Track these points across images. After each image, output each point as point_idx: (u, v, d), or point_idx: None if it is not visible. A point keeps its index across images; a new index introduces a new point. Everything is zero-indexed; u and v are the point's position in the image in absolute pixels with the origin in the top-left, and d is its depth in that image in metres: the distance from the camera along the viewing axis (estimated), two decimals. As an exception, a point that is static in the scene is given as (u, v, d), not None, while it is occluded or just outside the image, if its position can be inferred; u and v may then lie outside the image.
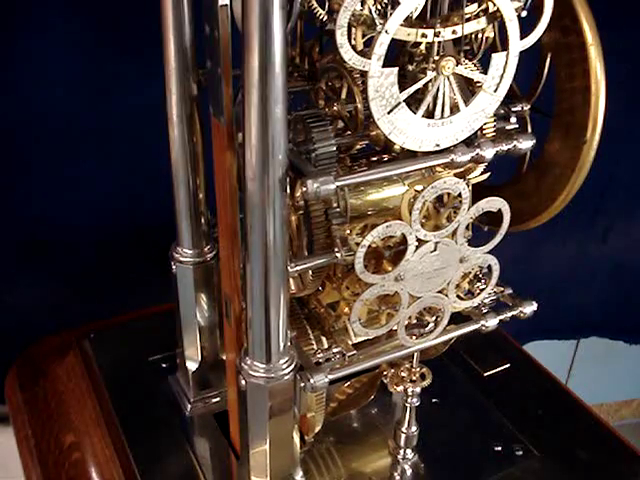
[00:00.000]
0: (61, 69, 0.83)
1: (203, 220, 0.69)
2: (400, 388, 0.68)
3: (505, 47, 0.51)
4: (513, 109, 0.61)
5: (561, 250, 1.23)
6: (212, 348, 0.74)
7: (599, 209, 1.17)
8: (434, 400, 0.78)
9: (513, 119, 0.60)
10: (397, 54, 0.54)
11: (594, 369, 1.49)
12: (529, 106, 0.62)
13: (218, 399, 0.77)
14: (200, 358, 0.74)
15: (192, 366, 0.75)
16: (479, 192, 0.60)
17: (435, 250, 0.56)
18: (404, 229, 0.53)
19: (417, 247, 0.55)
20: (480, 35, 0.56)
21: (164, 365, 0.81)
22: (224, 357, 0.72)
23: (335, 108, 0.60)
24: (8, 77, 0.82)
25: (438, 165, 0.54)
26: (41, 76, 0.83)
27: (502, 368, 0.82)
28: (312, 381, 0.57)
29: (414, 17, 0.50)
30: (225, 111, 0.55)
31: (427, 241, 0.55)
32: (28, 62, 0.82)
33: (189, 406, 0.76)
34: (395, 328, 0.59)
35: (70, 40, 0.82)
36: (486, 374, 0.81)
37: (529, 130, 0.62)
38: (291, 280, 0.62)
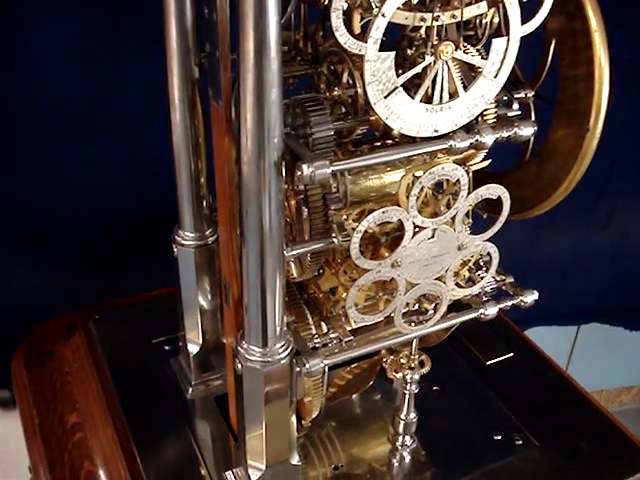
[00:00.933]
0: (61, 52, 0.83)
1: (205, 203, 0.69)
2: (399, 375, 0.68)
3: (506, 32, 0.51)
4: (516, 96, 0.61)
5: (562, 236, 1.23)
6: (213, 331, 0.75)
7: (601, 195, 1.17)
8: (435, 388, 0.78)
9: (515, 106, 0.59)
10: (398, 39, 0.53)
11: (594, 355, 1.49)
12: (533, 93, 0.61)
13: (219, 382, 0.77)
14: (201, 341, 0.75)
15: (193, 349, 0.75)
16: (481, 179, 0.59)
17: (433, 237, 0.55)
18: (401, 215, 0.53)
19: (414, 233, 0.54)
20: (484, 20, 0.55)
21: (167, 348, 0.81)
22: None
23: (336, 93, 0.59)
24: (8, 60, 0.82)
25: (436, 151, 0.54)
26: (41, 59, 0.83)
27: (505, 357, 0.81)
28: (308, 366, 0.57)
29: (415, 1, 0.50)
30: (223, 94, 0.54)
31: (425, 228, 0.55)
32: (28, 46, 0.82)
33: (190, 389, 0.76)
34: (392, 315, 0.58)
35: (70, 23, 0.82)
36: (488, 363, 0.81)
37: (532, 117, 0.62)
38: (292, 265, 0.62)
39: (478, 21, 0.56)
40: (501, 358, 0.81)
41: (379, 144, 0.62)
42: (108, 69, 0.85)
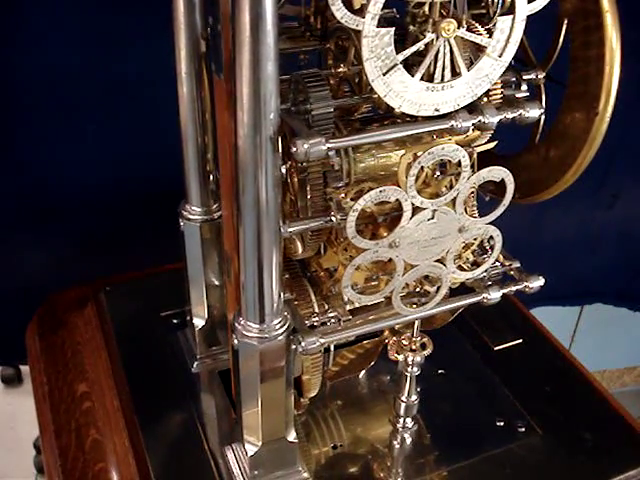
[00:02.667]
0: (62, 24, 0.83)
1: (211, 178, 0.69)
2: (401, 357, 0.68)
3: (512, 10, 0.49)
4: (526, 77, 0.59)
5: (567, 217, 1.21)
6: (219, 306, 0.75)
7: (606, 176, 1.15)
8: (440, 371, 0.77)
9: (524, 87, 0.58)
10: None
11: (597, 336, 1.48)
12: (543, 74, 0.60)
13: (225, 357, 0.78)
14: (207, 315, 0.75)
15: (199, 323, 0.75)
16: (490, 161, 0.58)
17: (433, 218, 0.55)
18: (399, 195, 0.52)
19: (413, 214, 0.54)
20: (495, -2, 0.54)
21: (175, 321, 0.82)
22: (230, 316, 0.72)
23: (341, 70, 0.59)
24: (8, 33, 0.82)
25: (440, 131, 0.53)
26: (41, 32, 0.83)
27: (513, 343, 0.80)
28: (303, 344, 0.57)
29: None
30: (224, 68, 0.54)
31: (424, 208, 0.54)
32: (28, 22, 0.81)
33: (195, 362, 0.77)
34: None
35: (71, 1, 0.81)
36: (496, 348, 0.80)
37: (543, 99, 0.60)
38: (297, 242, 0.62)
39: (490, -1, 0.54)
40: (509, 344, 0.80)
41: (387, 123, 0.61)
42: (110, 41, 0.84)
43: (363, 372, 0.80)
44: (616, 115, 0.54)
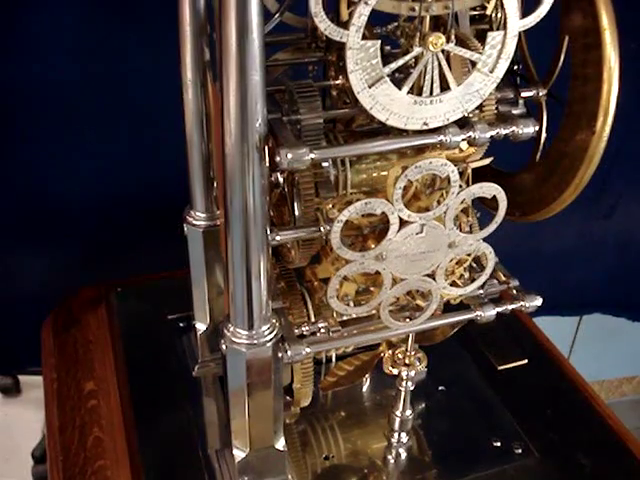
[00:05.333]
0: (61, 37, 0.84)
1: (215, 184, 0.69)
2: (395, 371, 0.67)
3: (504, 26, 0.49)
4: (527, 94, 0.59)
5: (565, 226, 1.20)
6: (221, 311, 0.76)
7: (604, 185, 1.14)
8: (441, 388, 0.77)
9: (521, 103, 0.57)
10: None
11: (596, 345, 1.47)
12: (545, 92, 0.59)
13: (227, 363, 0.78)
14: (209, 320, 0.76)
15: (201, 327, 0.76)
16: (489, 178, 0.58)
17: (421, 232, 0.54)
18: (385, 207, 0.52)
19: (400, 227, 0.53)
20: (500, 13, 0.54)
21: (181, 324, 0.83)
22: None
23: (340, 81, 0.59)
24: (8, 46, 0.83)
25: (427, 145, 0.52)
26: (40, 43, 0.84)
27: (518, 364, 0.79)
28: (290, 352, 0.57)
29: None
30: (218, 76, 0.55)
31: (412, 222, 0.54)
32: (27, 30, 0.82)
33: (197, 366, 0.78)
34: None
35: (70, 10, 0.82)
36: (500, 368, 0.79)
37: (544, 117, 0.60)
38: (293, 251, 0.62)
39: (494, 14, 0.54)
40: (514, 364, 0.79)
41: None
42: (108, 53, 0.85)
43: (367, 384, 0.80)
44: (614, 124, 0.53)
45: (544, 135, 0.60)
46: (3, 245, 1.00)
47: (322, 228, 0.54)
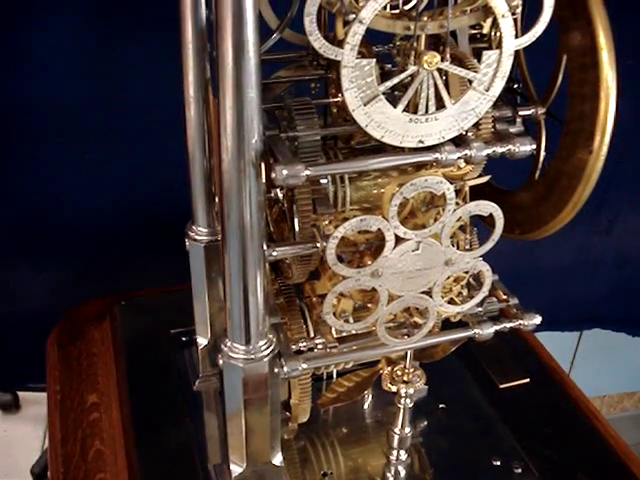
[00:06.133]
0: (62, 55, 0.85)
1: (217, 200, 0.70)
2: (394, 388, 0.67)
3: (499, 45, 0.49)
4: (525, 113, 0.59)
5: (565, 242, 1.20)
6: (222, 326, 0.76)
7: (603, 201, 1.15)
8: (441, 405, 0.76)
9: (519, 121, 0.57)
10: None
11: (597, 361, 1.48)
12: (544, 110, 0.59)
13: (228, 377, 0.78)
14: (210, 335, 0.76)
15: (202, 342, 0.76)
16: (489, 196, 0.58)
17: (417, 250, 0.54)
18: (380, 224, 0.52)
19: (396, 244, 0.53)
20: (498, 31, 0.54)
21: (184, 339, 0.83)
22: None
23: (339, 98, 0.59)
24: (9, 64, 0.84)
25: (423, 163, 0.53)
26: (41, 59, 0.85)
27: (520, 382, 0.78)
28: (286, 368, 0.57)
29: (406, 8, 0.50)
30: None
31: (408, 239, 0.54)
32: (27, 46, 0.83)
33: (197, 381, 0.78)
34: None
35: (70, 25, 0.83)
36: (502, 386, 0.78)
37: (543, 135, 0.60)
38: (293, 266, 0.63)
39: (493, 32, 0.54)
40: (516, 383, 0.78)
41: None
42: (109, 71, 0.86)
43: (368, 401, 0.80)
44: (613, 140, 0.53)
45: (543, 153, 0.60)
46: (3, 263, 1.01)
47: (319, 244, 0.54)
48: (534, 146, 0.54)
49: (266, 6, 0.63)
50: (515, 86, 0.62)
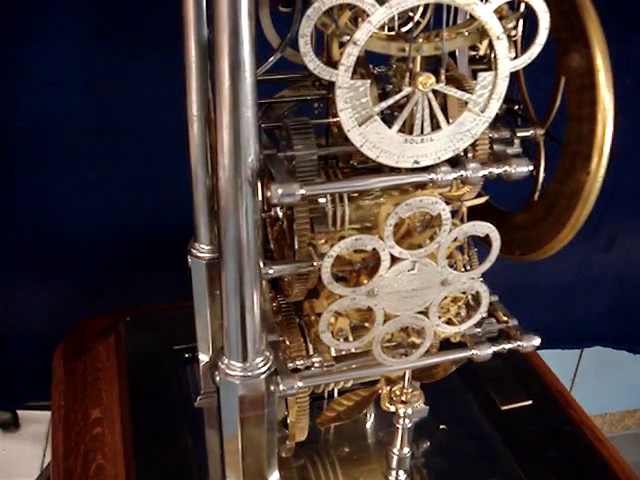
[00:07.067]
0: (61, 71, 0.85)
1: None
2: (393, 408, 0.67)
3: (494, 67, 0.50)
4: (524, 134, 0.59)
5: (564, 260, 1.19)
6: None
7: (603, 218, 1.15)
8: (442, 426, 0.76)
9: (517, 143, 0.57)
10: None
11: (598, 379, 1.47)
12: (543, 131, 0.59)
13: (229, 395, 0.79)
14: (211, 351, 0.76)
15: (204, 358, 0.77)
16: (489, 215, 0.58)
17: (413, 269, 0.55)
18: (376, 244, 0.52)
19: (392, 264, 0.54)
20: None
21: (187, 355, 0.84)
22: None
23: (338, 118, 0.59)
24: (8, 81, 0.85)
25: (418, 183, 0.53)
26: (42, 79, 0.86)
27: (522, 404, 0.78)
28: (282, 387, 0.57)
29: (402, 29, 0.50)
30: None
31: (404, 259, 0.54)
32: (28, 66, 0.84)
33: (198, 397, 0.78)
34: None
35: (70, 41, 0.84)
36: (504, 408, 0.78)
37: (542, 156, 0.60)
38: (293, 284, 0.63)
39: (493, 54, 0.55)
40: (518, 405, 0.78)
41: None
42: (108, 87, 0.86)
43: (371, 421, 0.80)
44: (612, 159, 0.53)
45: (542, 175, 0.60)
46: (2, 281, 1.01)
47: (315, 263, 0.55)
48: (531, 167, 0.54)
49: (269, 26, 0.64)
50: (516, 107, 0.62)
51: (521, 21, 0.54)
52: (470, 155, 0.55)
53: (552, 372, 0.86)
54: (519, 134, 0.58)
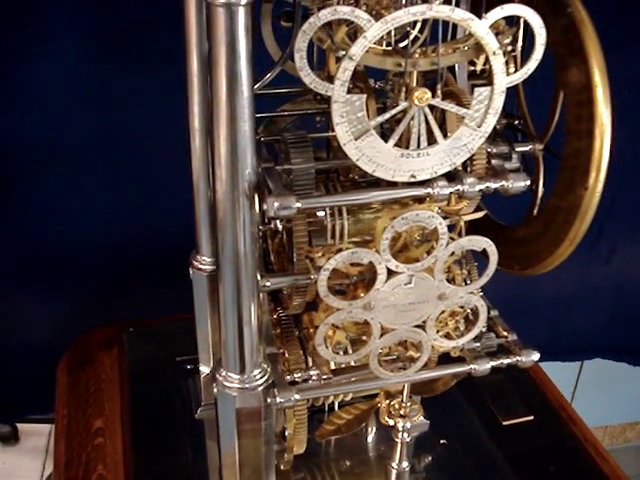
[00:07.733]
0: (61, 86, 0.86)
1: (218, 230, 0.71)
2: (391, 422, 0.67)
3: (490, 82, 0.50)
4: (522, 149, 0.59)
5: (564, 272, 1.18)
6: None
7: (603, 230, 1.15)
8: (442, 441, 0.76)
9: (515, 157, 0.57)
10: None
11: (598, 391, 1.46)
12: (542, 147, 0.59)
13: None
14: (212, 363, 0.76)
15: (204, 370, 0.77)
16: (488, 230, 0.58)
17: (410, 283, 0.55)
18: (372, 257, 0.52)
19: (388, 277, 0.54)
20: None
21: (189, 367, 0.84)
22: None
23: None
24: (8, 97, 0.86)
25: (413, 197, 0.53)
26: (42, 88, 0.86)
27: (523, 420, 0.77)
28: (279, 399, 0.57)
29: (400, 45, 0.50)
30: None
31: (400, 273, 0.54)
32: (27, 80, 0.85)
33: (199, 409, 0.78)
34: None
35: (71, 57, 0.84)
36: (505, 423, 0.77)
37: (541, 171, 0.60)
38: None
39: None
40: (519, 420, 0.77)
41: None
42: (110, 103, 0.87)
43: (372, 435, 0.80)
44: (610, 171, 0.53)
45: (541, 189, 0.60)
46: (2, 295, 1.02)
47: (312, 276, 0.55)
48: (528, 182, 0.54)
49: (270, 39, 0.64)
50: (516, 122, 0.63)
51: (521, 36, 0.54)
52: (468, 169, 0.55)
53: (554, 386, 0.86)
54: (518, 149, 0.59)
